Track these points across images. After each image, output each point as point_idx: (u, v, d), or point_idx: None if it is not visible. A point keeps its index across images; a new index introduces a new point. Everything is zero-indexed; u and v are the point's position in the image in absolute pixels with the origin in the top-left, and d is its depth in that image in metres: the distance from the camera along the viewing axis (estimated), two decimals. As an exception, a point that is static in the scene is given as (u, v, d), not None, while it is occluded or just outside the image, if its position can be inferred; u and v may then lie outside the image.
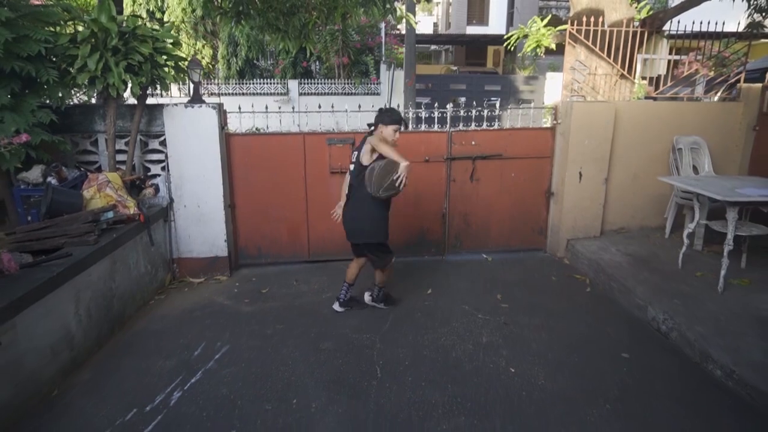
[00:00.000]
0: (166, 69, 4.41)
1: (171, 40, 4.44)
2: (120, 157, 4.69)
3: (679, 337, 3.56)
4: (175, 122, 4.62)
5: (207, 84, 17.01)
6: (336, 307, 4.20)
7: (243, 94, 16.85)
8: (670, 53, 10.61)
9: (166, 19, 16.42)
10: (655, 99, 6.26)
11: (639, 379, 3.20)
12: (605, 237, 5.46)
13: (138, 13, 15.61)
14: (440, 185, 5.30)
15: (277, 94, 16.96)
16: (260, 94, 16.83)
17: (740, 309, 3.76)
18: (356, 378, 3.23)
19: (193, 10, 15.92)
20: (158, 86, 4.47)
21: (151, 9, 16.31)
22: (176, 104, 4.61)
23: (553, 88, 18.26)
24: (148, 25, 4.35)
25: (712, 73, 6.64)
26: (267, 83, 17.07)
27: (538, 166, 5.42)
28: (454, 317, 4.07)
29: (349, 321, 4.04)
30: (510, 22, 23.89)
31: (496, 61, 26.13)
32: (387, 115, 3.74)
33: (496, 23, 25.40)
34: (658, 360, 3.42)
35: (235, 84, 16.95)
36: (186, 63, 4.75)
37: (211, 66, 17.32)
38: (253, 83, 17.02)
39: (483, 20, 26.44)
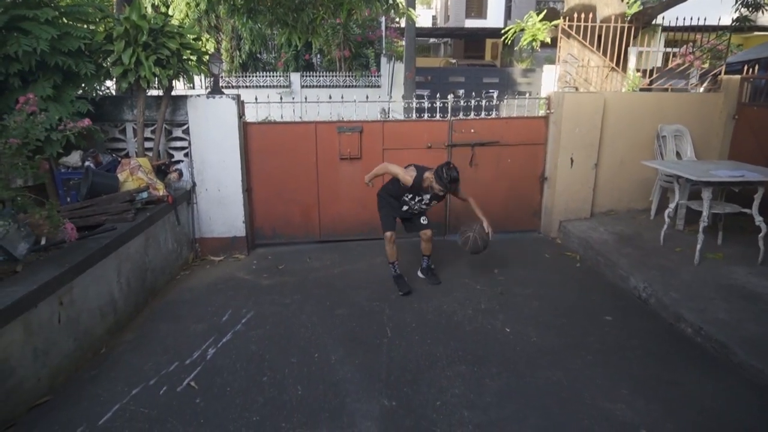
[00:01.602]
0: (190, 62, 4.80)
1: (194, 36, 4.82)
2: (146, 144, 5.08)
3: (657, 302, 3.98)
4: (197, 112, 5.01)
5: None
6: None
7: (247, 86, 17.21)
8: (666, 46, 11.01)
9: (170, 13, 16.70)
10: (650, 90, 6.65)
11: (618, 336, 3.63)
12: (595, 218, 5.88)
13: (144, 7, 15.92)
14: (442, 170, 5.69)
15: (280, 86, 17.31)
16: (263, 86, 17.19)
17: (712, 279, 4.18)
18: (369, 337, 3.65)
19: (197, 4, 16.24)
20: (183, 78, 4.86)
21: (155, 3, 16.63)
22: (199, 95, 5.00)
23: (550, 80, 18.65)
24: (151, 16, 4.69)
25: (706, 65, 7.04)
26: (270, 76, 17.41)
27: (533, 152, 5.82)
28: (455, 288, 4.49)
29: (360, 292, 4.46)
30: (508, 15, 24.22)
31: (494, 54, 26.47)
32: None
33: (494, 16, 25.72)
34: (636, 321, 3.84)
35: (239, 77, 17.30)
36: (207, 57, 5.13)
37: (215, 59, 17.65)
38: (257, 76, 17.36)
39: (481, 13, 26.74)
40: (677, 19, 6.13)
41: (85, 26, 4.39)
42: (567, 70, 6.31)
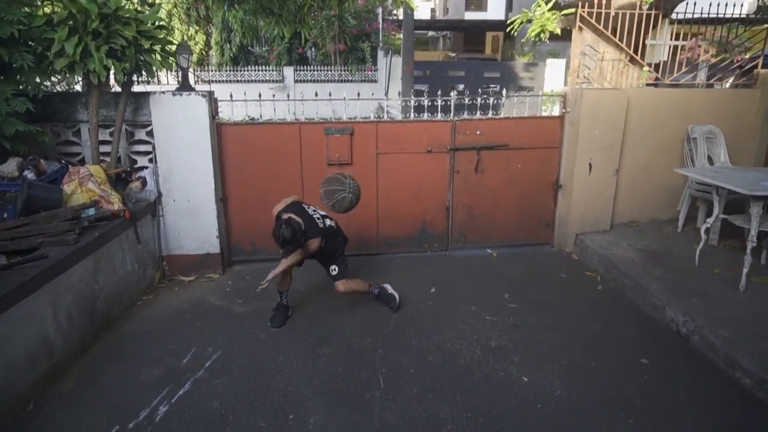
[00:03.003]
0: (153, 54, 4.13)
1: (157, 23, 4.14)
2: (104, 149, 4.41)
3: (701, 341, 3.34)
4: (162, 111, 4.34)
5: (200, 71, 16.65)
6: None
7: (237, 81, 16.49)
8: (672, 39, 10.33)
9: (158, 2, 15.97)
10: (656, 86, 6.02)
11: (661, 387, 2.98)
12: (615, 231, 5.23)
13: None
14: (443, 177, 5.04)
15: (273, 81, 16.60)
16: (255, 81, 16.48)
17: (765, 310, 3.54)
18: (357, 388, 3.00)
19: (186, -6, 15.51)
20: (144, 73, 4.20)
21: (142, -7, 15.88)
22: (163, 92, 4.33)
23: (554, 74, 17.97)
24: (132, 6, 4.06)
25: (713, 59, 6.40)
26: (262, 70, 16.70)
27: (546, 156, 5.16)
28: (460, 318, 3.85)
29: (348, 323, 3.81)
30: (509, 7, 23.51)
31: (494, 47, 25.76)
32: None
33: (494, 9, 25.01)
34: (680, 366, 3.20)
35: (229, 71, 16.57)
36: (174, 48, 4.46)
37: (204, 52, 16.94)
38: (248, 70, 16.64)
39: (481, 6, 26.05)
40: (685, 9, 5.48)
41: (23, 9, 3.71)
42: (585, 63, 5.63)
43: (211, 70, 16.58)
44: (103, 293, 3.68)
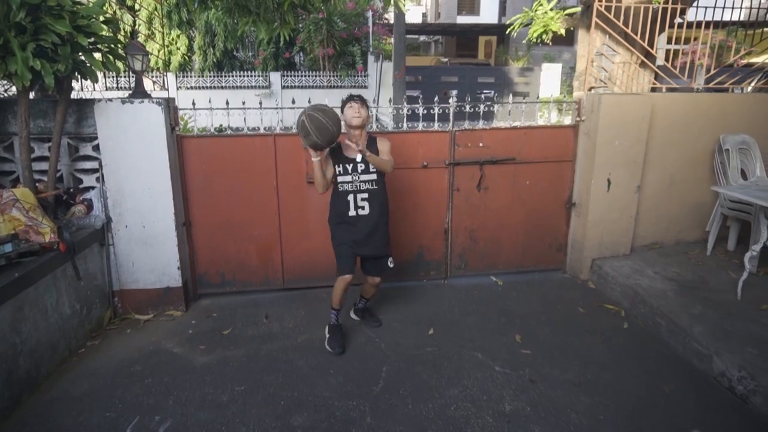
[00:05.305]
0: (94, 54, 3.46)
1: (100, 17, 3.46)
2: (44, 166, 3.74)
3: (766, 404, 2.70)
4: (110, 121, 3.67)
5: (183, 77, 15.98)
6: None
7: (222, 87, 15.86)
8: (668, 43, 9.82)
9: (137, 6, 15.33)
10: (654, 90, 5.46)
11: (727, 474, 2.35)
12: (636, 255, 4.61)
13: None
14: (441, 195, 4.40)
15: (259, 87, 15.98)
16: (240, 87, 15.87)
17: (837, 362, 2.92)
18: (338, 479, 2.34)
19: (165, -4, 14.82)
20: (87, 76, 3.52)
21: (121, -4, 15.21)
22: (110, 99, 3.66)
23: (550, 79, 17.47)
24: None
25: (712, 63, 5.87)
26: (248, 76, 16.06)
27: (558, 171, 4.54)
28: (464, 371, 3.19)
29: (331, 377, 3.14)
30: (503, 11, 23.04)
31: (487, 52, 25.29)
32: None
33: (487, 12, 24.54)
34: (743, 440, 2.57)
35: (213, 77, 15.90)
36: (121, 46, 3.79)
37: (187, 57, 16.25)
38: (233, 76, 15.99)
39: (474, 10, 25.57)
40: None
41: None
42: (602, 64, 5.01)
43: (194, 76, 15.89)
44: (28, 347, 2.98)
